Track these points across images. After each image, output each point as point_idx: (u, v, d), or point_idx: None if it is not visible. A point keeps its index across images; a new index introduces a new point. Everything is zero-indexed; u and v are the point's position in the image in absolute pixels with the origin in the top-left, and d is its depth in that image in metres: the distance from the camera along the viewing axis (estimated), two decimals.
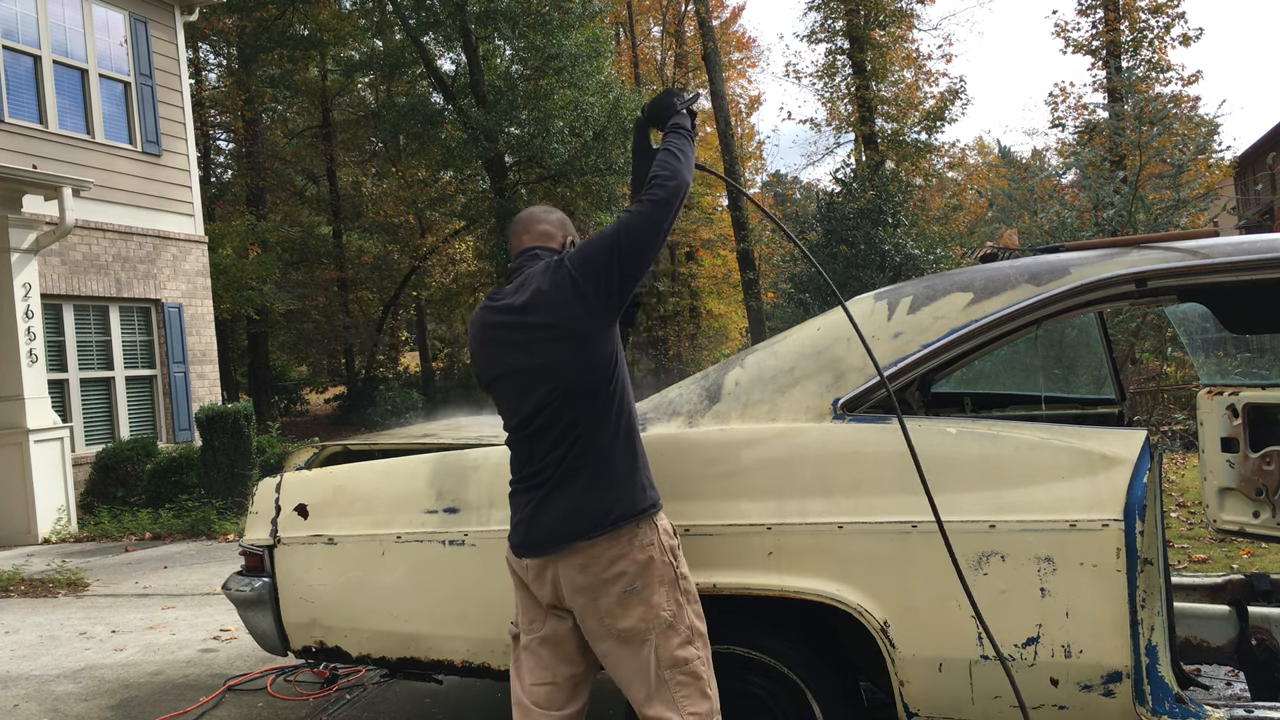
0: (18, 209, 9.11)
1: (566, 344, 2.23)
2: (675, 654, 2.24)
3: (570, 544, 2.23)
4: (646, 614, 2.23)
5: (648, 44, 32.14)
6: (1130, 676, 2.26)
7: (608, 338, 2.27)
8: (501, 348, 2.32)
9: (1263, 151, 24.56)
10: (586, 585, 2.24)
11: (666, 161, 2.32)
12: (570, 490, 2.24)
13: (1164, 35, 21.36)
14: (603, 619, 2.25)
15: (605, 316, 2.25)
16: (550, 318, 2.24)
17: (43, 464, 8.91)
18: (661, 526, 2.30)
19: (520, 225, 2.51)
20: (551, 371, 2.24)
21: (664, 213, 2.25)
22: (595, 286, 2.23)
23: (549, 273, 2.28)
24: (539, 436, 2.27)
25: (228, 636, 5.13)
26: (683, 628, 2.26)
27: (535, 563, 2.31)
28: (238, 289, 17.40)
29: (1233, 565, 5.16)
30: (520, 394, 2.29)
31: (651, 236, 2.25)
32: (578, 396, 2.23)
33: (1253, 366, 4.39)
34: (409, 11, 20.16)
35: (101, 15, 11.32)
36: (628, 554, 2.22)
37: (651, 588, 2.24)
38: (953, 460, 2.39)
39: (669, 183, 2.27)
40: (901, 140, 23.00)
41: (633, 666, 2.25)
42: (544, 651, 2.37)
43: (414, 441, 3.26)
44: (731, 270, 27.19)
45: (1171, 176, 10.87)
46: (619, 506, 2.23)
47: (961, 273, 2.69)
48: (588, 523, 2.22)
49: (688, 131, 2.43)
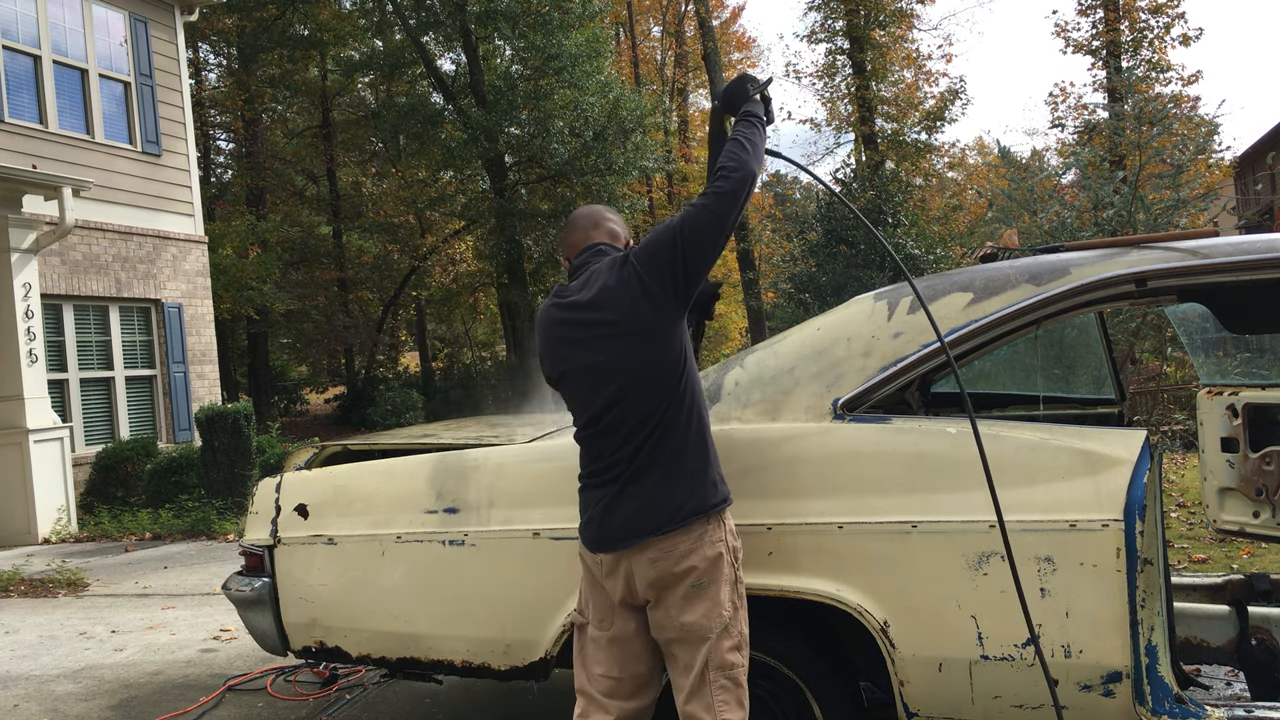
0: (18, 209, 9.11)
1: (635, 340, 2.22)
2: (725, 656, 2.24)
3: (644, 539, 2.23)
4: (710, 611, 2.23)
5: (648, 44, 32.13)
6: (1130, 676, 2.26)
7: (676, 333, 2.25)
8: (569, 345, 2.31)
9: (1263, 151, 24.55)
10: (657, 578, 2.24)
11: (734, 152, 2.28)
12: (643, 485, 2.24)
13: (1164, 35, 21.37)
14: (670, 611, 2.25)
15: (672, 312, 2.24)
16: (617, 314, 2.23)
17: (43, 464, 8.91)
18: (729, 525, 2.30)
19: (587, 221, 2.48)
20: (621, 368, 2.23)
21: (729, 205, 2.22)
22: (661, 282, 2.21)
23: (615, 269, 2.27)
24: (610, 433, 2.26)
25: (228, 636, 5.13)
26: (736, 631, 2.27)
27: (609, 558, 2.30)
28: (238, 289, 17.39)
29: (1233, 565, 5.16)
30: (589, 391, 2.28)
31: (716, 230, 2.22)
32: (649, 393, 2.22)
33: (1253, 366, 4.39)
34: (409, 11, 20.15)
35: (101, 15, 11.32)
36: (698, 549, 2.22)
37: (718, 584, 2.24)
38: (953, 460, 2.39)
39: (734, 174, 2.24)
40: (901, 140, 23.00)
41: (687, 660, 2.26)
42: (613, 649, 2.36)
43: (414, 441, 3.26)
44: (731, 270, 27.17)
45: (1171, 177, 10.87)
46: (691, 501, 2.22)
47: (961, 273, 2.69)
48: (661, 518, 2.21)
49: (759, 120, 2.38)
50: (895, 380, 2.55)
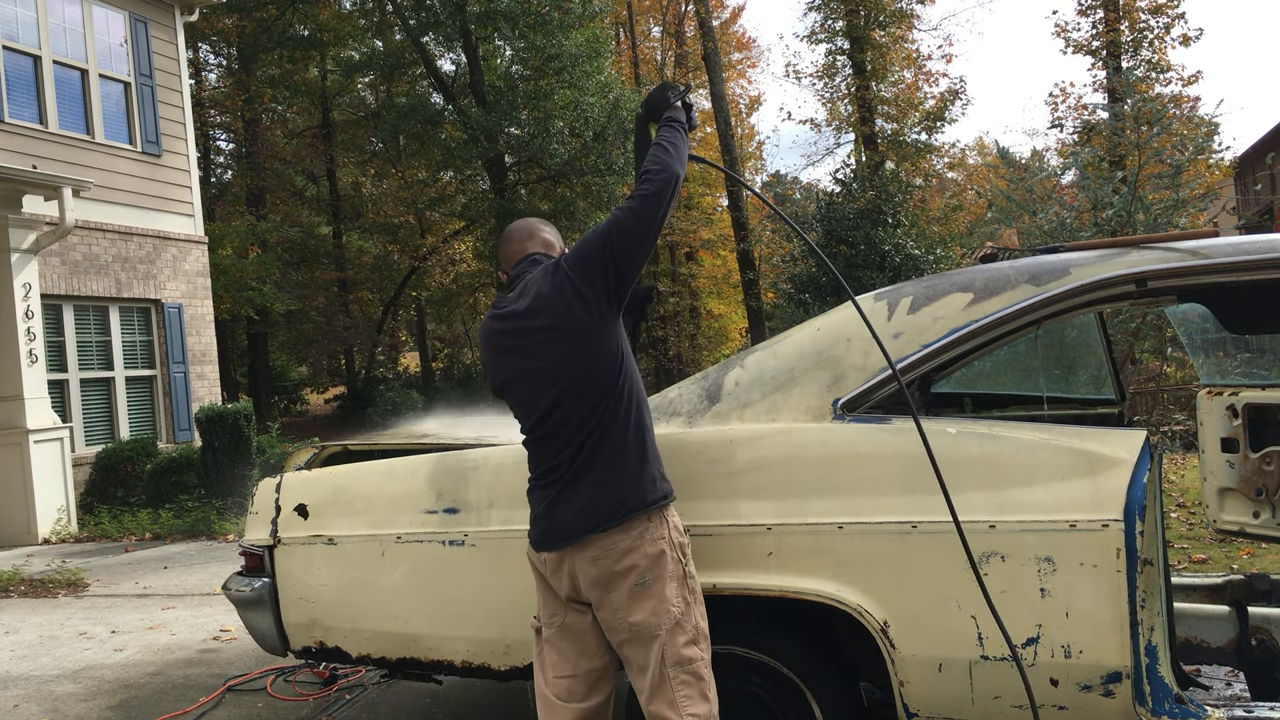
0: (18, 209, 9.11)
1: (571, 344, 2.27)
2: (681, 652, 2.26)
3: (583, 537, 2.27)
4: (657, 608, 2.25)
5: (648, 44, 32.12)
6: (1130, 677, 2.26)
7: (611, 335, 2.30)
8: (510, 353, 2.37)
9: (1263, 151, 24.57)
10: (599, 577, 2.27)
11: (656, 155, 2.34)
12: (583, 485, 2.28)
13: (1164, 35, 21.36)
14: (616, 611, 2.28)
15: (606, 315, 2.29)
16: (552, 320, 2.28)
17: (43, 464, 8.91)
18: (672, 522, 2.33)
19: (522, 233, 2.56)
20: (559, 373, 2.28)
21: (653, 207, 2.27)
22: (593, 286, 2.27)
23: (548, 276, 2.33)
24: (552, 436, 2.31)
25: (228, 637, 5.13)
26: (689, 626, 2.29)
27: (553, 556, 2.35)
28: (238, 289, 17.40)
29: (1233, 565, 5.16)
30: (531, 397, 2.33)
31: (643, 232, 2.28)
32: (586, 395, 2.27)
33: (1253, 366, 4.38)
34: (409, 12, 20.16)
35: (101, 15, 11.32)
36: (639, 546, 2.25)
37: (662, 581, 2.26)
38: (953, 460, 2.39)
39: (657, 176, 2.29)
40: (901, 140, 23.00)
41: (641, 661, 2.28)
42: (564, 645, 2.40)
43: (414, 441, 3.26)
44: (731, 270, 27.17)
45: (1170, 177, 10.87)
46: (631, 499, 2.26)
47: (961, 273, 2.69)
48: (600, 515, 2.25)
49: (680, 125, 2.45)
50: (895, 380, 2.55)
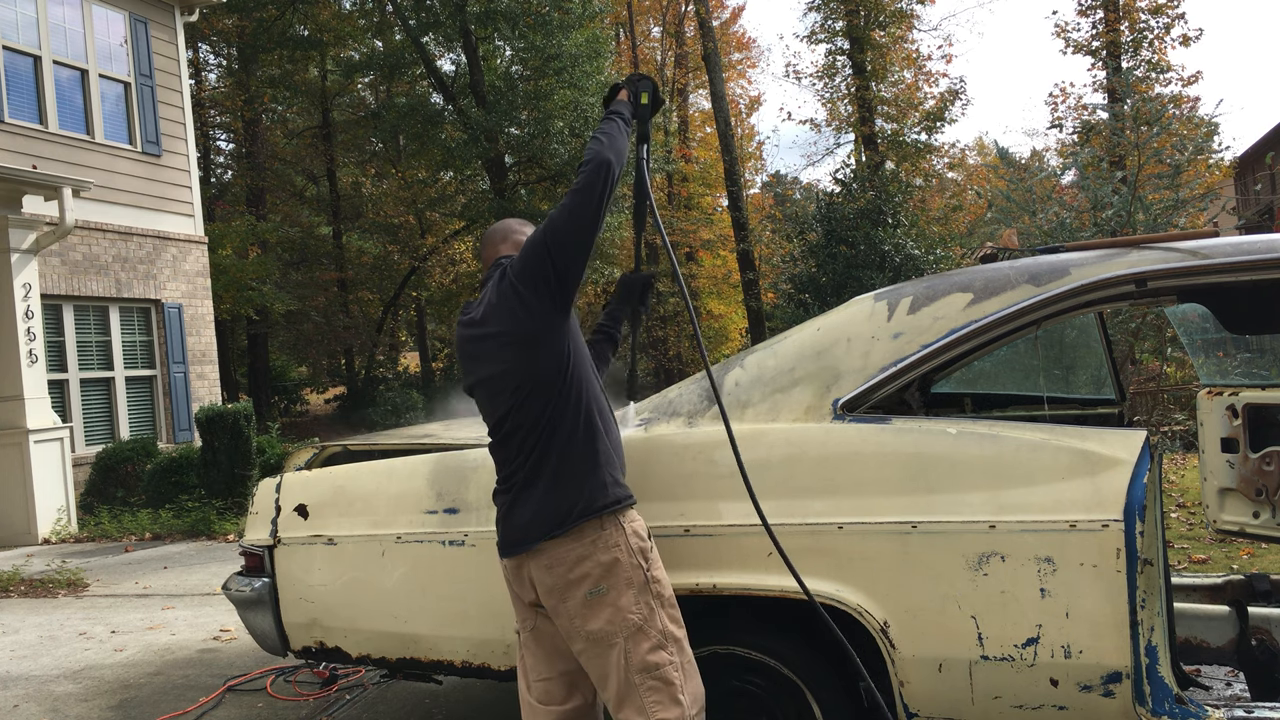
0: (18, 209, 9.11)
1: (517, 349, 2.27)
2: (645, 659, 2.22)
3: (535, 543, 2.25)
4: (614, 617, 2.22)
5: (648, 44, 32.12)
6: (1130, 677, 2.26)
7: (558, 337, 2.28)
8: (471, 360, 2.38)
9: (1262, 151, 24.56)
10: (554, 585, 2.25)
11: (590, 147, 2.33)
12: (535, 490, 2.27)
13: (1164, 36, 21.38)
14: (572, 620, 2.25)
15: (550, 318, 2.27)
16: (499, 326, 2.29)
17: (43, 464, 8.91)
18: (630, 528, 2.28)
19: (497, 235, 2.56)
20: (509, 377, 2.28)
21: (585, 200, 2.25)
22: (534, 289, 2.26)
23: (496, 283, 2.34)
24: (508, 440, 2.32)
25: (228, 636, 5.13)
26: (654, 632, 2.24)
27: (512, 562, 2.35)
28: (238, 289, 17.39)
29: (1233, 565, 5.16)
30: (490, 401, 2.35)
31: (578, 227, 2.25)
32: (533, 399, 2.26)
33: (1253, 366, 4.38)
34: (409, 12, 20.16)
35: (101, 15, 11.32)
36: (591, 555, 2.23)
37: (618, 590, 2.23)
38: (953, 460, 2.39)
39: (586, 167, 2.27)
40: (901, 141, 23.00)
41: (602, 669, 2.25)
42: (537, 648, 2.40)
43: (414, 441, 3.26)
44: (731, 270, 27.16)
45: (1170, 177, 10.86)
46: (580, 504, 2.24)
47: (961, 273, 2.69)
48: (550, 522, 2.24)
49: (618, 115, 2.44)
50: (895, 381, 2.55)
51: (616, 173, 2.29)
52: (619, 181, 2.32)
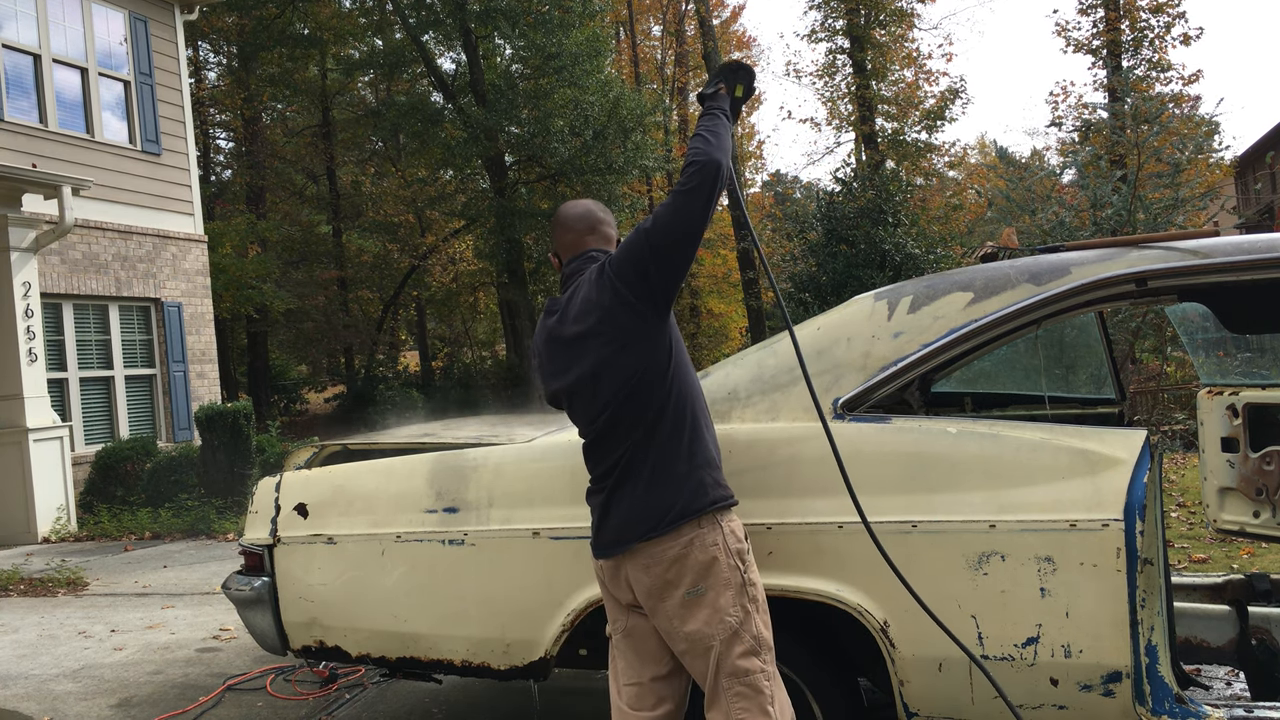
0: (17, 208, 9.10)
1: (618, 349, 2.22)
2: (736, 663, 2.19)
3: (632, 544, 2.22)
4: (711, 618, 2.19)
5: (648, 43, 32.10)
6: (1130, 676, 2.26)
7: (659, 335, 2.24)
8: (561, 359, 2.32)
9: (1262, 151, 24.57)
10: (652, 586, 2.22)
11: (695, 146, 2.24)
12: (631, 490, 2.23)
13: (1164, 35, 21.38)
14: (670, 620, 2.22)
15: (651, 318, 2.23)
16: (599, 325, 2.23)
17: (42, 463, 8.91)
18: (728, 528, 2.24)
19: (582, 224, 2.44)
20: (607, 377, 2.23)
21: (693, 201, 2.18)
22: (636, 289, 2.20)
23: (595, 280, 2.27)
24: (603, 439, 2.27)
25: (227, 636, 5.12)
26: (748, 636, 2.20)
27: (609, 563, 2.31)
28: (238, 288, 17.39)
29: (1233, 565, 5.15)
30: (583, 402, 2.29)
31: (685, 227, 2.19)
32: (634, 398, 2.21)
33: (1253, 366, 4.38)
34: (409, 10, 20.15)
35: (101, 14, 11.31)
36: (689, 555, 2.19)
37: (716, 590, 2.19)
38: (953, 460, 2.39)
39: (692, 168, 2.19)
40: (902, 140, 23.01)
41: (700, 670, 2.24)
42: (629, 651, 2.36)
43: (414, 441, 3.26)
44: (731, 270, 27.15)
45: (1170, 176, 10.87)
46: (679, 504, 2.19)
47: (962, 272, 2.69)
48: (649, 522, 2.20)
49: (721, 111, 2.33)
50: (895, 380, 2.55)
51: (725, 173, 2.21)
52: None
